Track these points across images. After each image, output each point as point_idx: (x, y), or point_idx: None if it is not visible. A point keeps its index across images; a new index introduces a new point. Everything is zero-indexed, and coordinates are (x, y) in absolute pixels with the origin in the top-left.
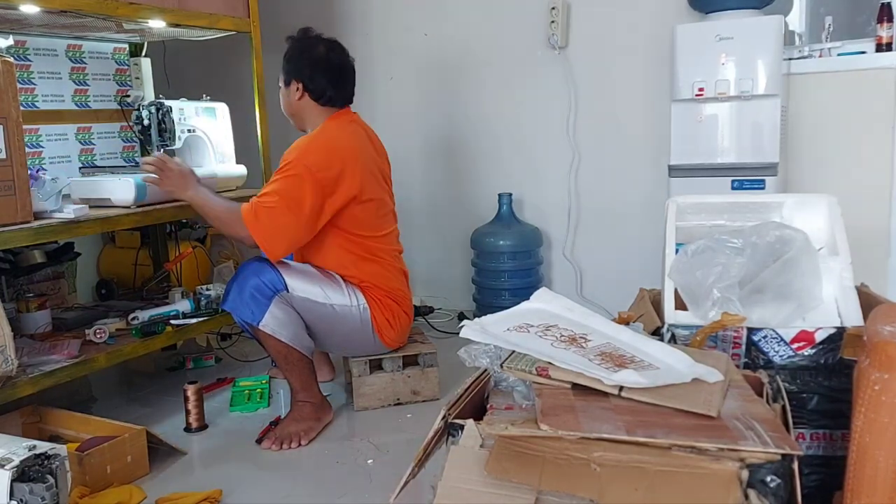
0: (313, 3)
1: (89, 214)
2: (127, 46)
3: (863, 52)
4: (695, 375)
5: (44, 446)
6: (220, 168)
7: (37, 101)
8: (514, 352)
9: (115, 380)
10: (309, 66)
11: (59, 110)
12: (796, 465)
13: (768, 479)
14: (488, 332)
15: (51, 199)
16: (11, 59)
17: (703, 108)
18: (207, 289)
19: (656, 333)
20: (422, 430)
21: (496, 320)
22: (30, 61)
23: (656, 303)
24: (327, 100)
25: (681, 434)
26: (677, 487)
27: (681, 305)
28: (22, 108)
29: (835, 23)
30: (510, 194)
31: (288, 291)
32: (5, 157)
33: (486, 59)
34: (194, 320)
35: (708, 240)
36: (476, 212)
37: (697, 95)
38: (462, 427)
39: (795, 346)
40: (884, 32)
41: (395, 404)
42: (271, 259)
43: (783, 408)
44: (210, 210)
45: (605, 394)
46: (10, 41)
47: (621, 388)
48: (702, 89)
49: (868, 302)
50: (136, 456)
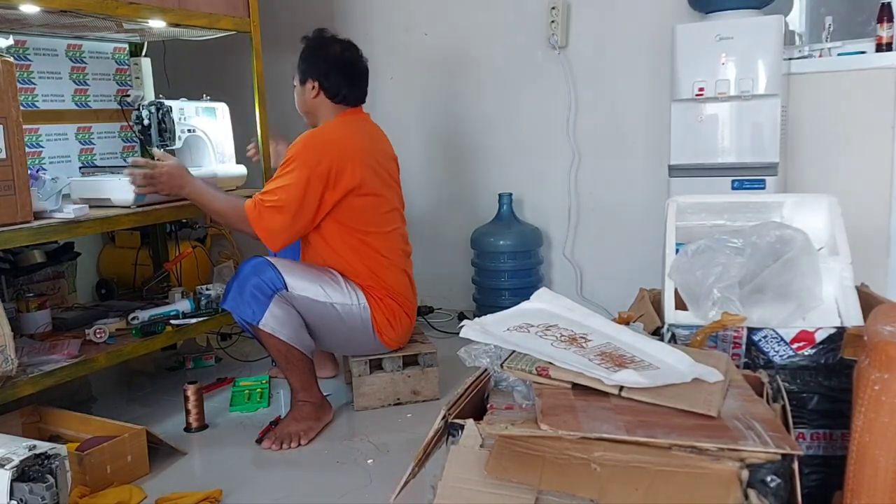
0: (313, 3)
1: (89, 214)
2: (127, 46)
3: (863, 52)
4: (695, 375)
5: (44, 446)
6: (220, 168)
7: (37, 101)
8: (514, 352)
9: (114, 380)
10: (325, 65)
11: (59, 110)
12: (796, 465)
13: (768, 478)
14: (488, 332)
15: (51, 199)
16: (11, 59)
17: (703, 108)
18: (207, 289)
19: (656, 333)
20: (422, 430)
21: (496, 320)
22: (30, 61)
23: (656, 303)
24: (342, 98)
25: (681, 434)
26: (677, 487)
27: (681, 305)
28: (22, 107)
29: (835, 23)
30: (510, 194)
31: (288, 290)
32: (5, 156)
33: (486, 59)
34: (194, 320)
35: (708, 240)
36: (476, 212)
37: (697, 95)
38: (462, 427)
39: (795, 346)
40: (884, 32)
41: (396, 404)
42: (272, 250)
43: (783, 408)
44: (210, 205)
45: (606, 394)
46: (10, 41)
47: (621, 388)
48: (702, 89)
49: (868, 302)
50: (135, 456)
